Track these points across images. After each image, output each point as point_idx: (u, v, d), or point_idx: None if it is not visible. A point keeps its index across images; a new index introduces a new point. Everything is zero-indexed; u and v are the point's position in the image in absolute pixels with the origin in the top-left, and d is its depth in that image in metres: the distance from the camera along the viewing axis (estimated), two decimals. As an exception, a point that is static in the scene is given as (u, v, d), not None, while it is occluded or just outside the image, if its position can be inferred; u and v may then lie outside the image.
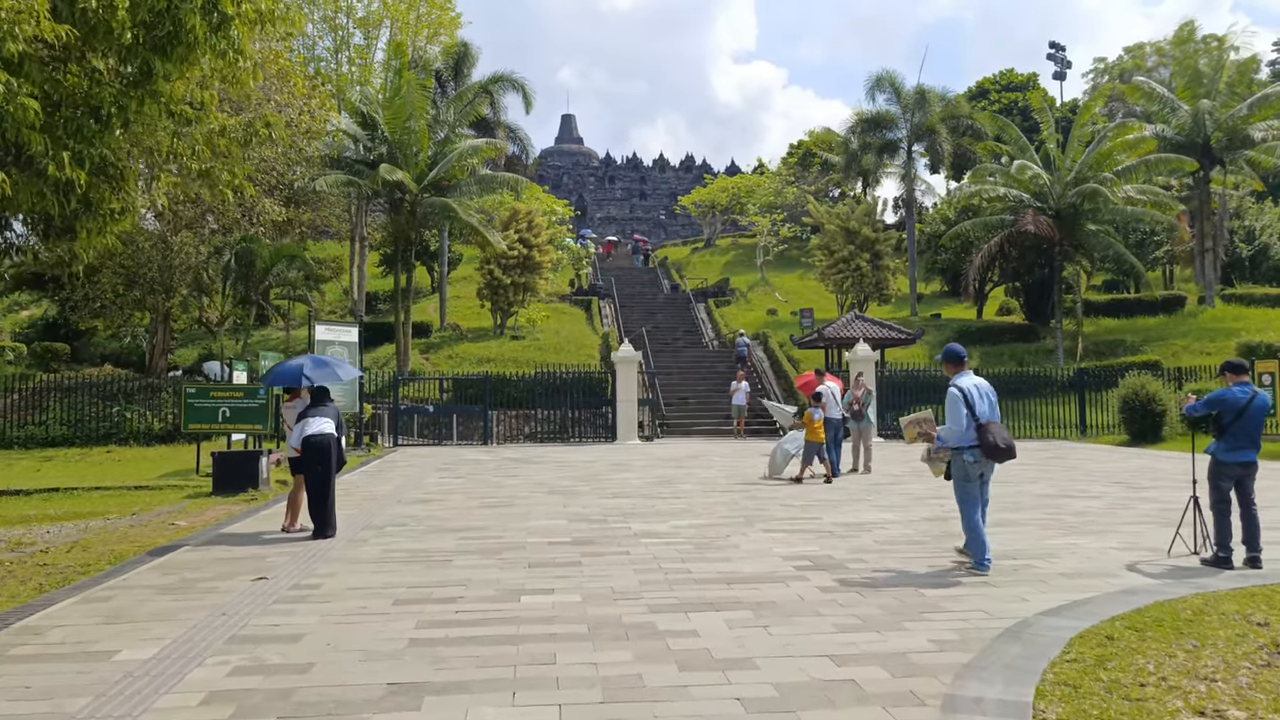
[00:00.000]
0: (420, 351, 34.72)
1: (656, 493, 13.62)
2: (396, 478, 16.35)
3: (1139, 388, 24.63)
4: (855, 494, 13.30)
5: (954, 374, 8.10)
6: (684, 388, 32.26)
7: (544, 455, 21.52)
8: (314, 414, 10.12)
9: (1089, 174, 31.42)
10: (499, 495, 13.45)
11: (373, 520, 10.98)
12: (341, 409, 23.02)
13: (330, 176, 28.92)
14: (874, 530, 9.95)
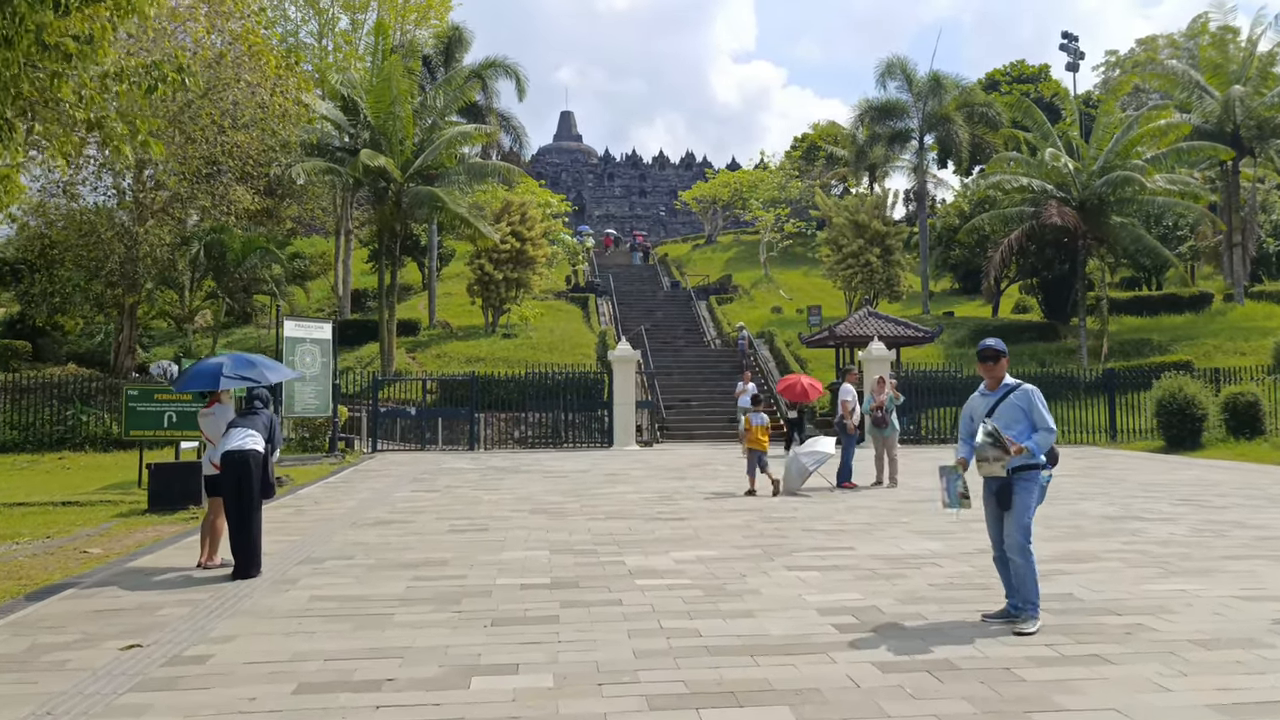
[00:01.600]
0: (406, 350, 32.89)
1: (656, 512, 11.77)
2: (363, 491, 14.50)
3: (1176, 390, 22.81)
4: (886, 515, 11.45)
5: (995, 372, 6.31)
6: (685, 389, 30.44)
7: (533, 463, 19.68)
8: (238, 424, 8.27)
9: (1117, 162, 29.56)
10: (474, 515, 11.60)
11: (314, 551, 9.13)
12: (315, 410, 21.41)
13: (309, 163, 27.10)
14: (922, 567, 8.11)
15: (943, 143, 39.77)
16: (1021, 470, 6.08)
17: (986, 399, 6.35)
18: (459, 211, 27.60)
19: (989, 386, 6.37)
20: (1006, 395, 6.23)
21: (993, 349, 6.30)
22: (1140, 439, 24.86)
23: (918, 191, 41.88)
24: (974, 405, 6.44)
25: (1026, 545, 6.06)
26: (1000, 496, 6.19)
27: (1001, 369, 6.31)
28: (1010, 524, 6.13)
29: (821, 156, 54.32)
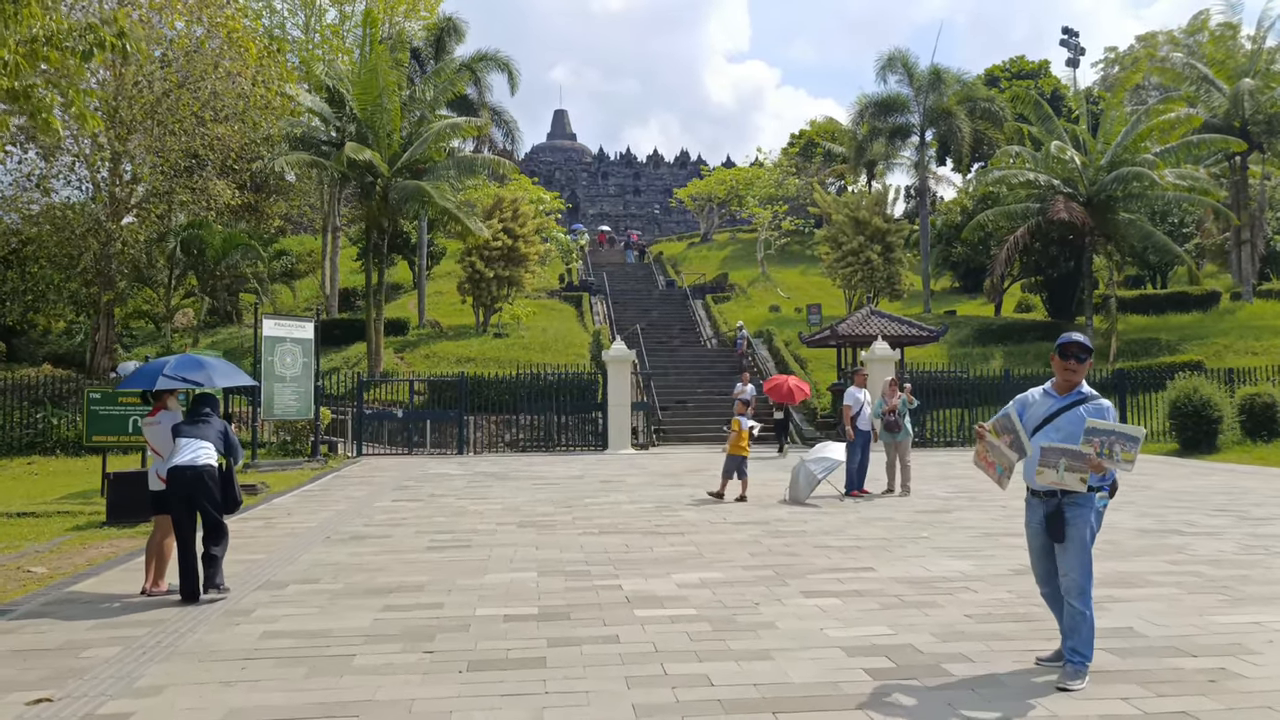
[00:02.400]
0: (395, 350, 31.95)
1: (655, 524, 10.90)
2: (340, 501, 13.59)
3: (1191, 391, 22.04)
4: (904, 528, 10.59)
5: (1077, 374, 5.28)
6: (681, 390, 29.57)
7: (524, 468, 18.79)
8: (186, 433, 7.38)
9: (1125, 157, 28.75)
10: (458, 529, 10.71)
11: (277, 573, 8.23)
12: (295, 413, 20.46)
13: (292, 156, 26.19)
14: (956, 593, 7.24)
15: (944, 138, 38.93)
16: (1073, 493, 5.13)
17: (1049, 402, 5.32)
18: (447, 206, 26.68)
19: (1058, 388, 5.33)
20: (1076, 404, 5.22)
21: (1082, 345, 5.25)
22: (1153, 441, 24.05)
23: (919, 188, 41.04)
24: (1028, 406, 5.39)
25: (1087, 587, 5.10)
26: (1050, 525, 5.18)
27: (1084, 372, 5.30)
28: (1066, 560, 5.14)
29: (819, 153, 53.48)
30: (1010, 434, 5.32)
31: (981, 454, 5.51)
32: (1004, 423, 5.34)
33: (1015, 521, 10.78)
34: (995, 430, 5.38)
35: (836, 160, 51.69)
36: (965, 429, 24.87)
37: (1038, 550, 5.39)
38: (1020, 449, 5.24)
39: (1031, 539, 5.42)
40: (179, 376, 7.62)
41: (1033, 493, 5.34)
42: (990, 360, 30.13)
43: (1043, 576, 5.42)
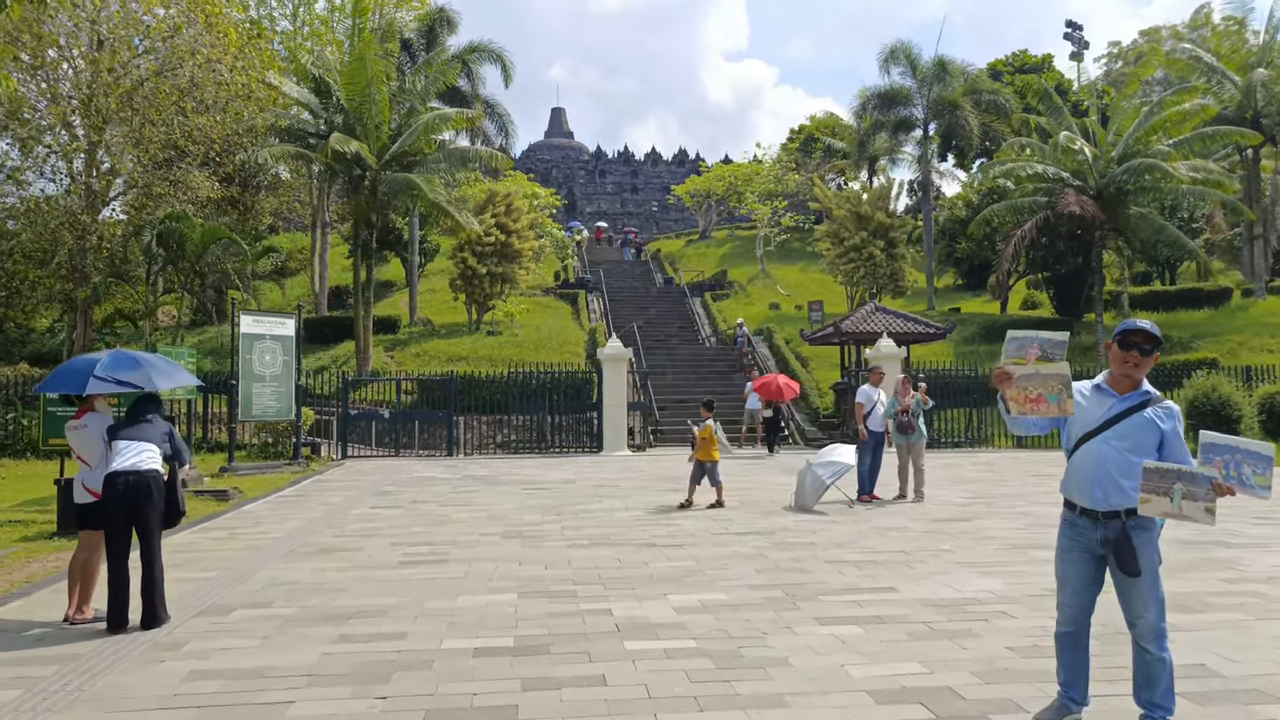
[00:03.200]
0: (385, 349, 31.08)
1: (650, 535, 10.02)
2: (315, 508, 12.70)
3: (1210, 390, 21.20)
4: (922, 539, 9.71)
5: (1140, 369, 4.29)
6: (679, 389, 28.70)
7: (514, 471, 17.90)
8: (126, 435, 6.50)
9: (1137, 148, 27.89)
10: (436, 540, 9.83)
11: (226, 594, 7.34)
12: (276, 414, 19.56)
13: (276, 148, 25.25)
14: (991, 618, 6.36)
15: (948, 132, 38.06)
16: (1137, 516, 4.15)
17: (1106, 400, 4.31)
18: (436, 199, 25.77)
19: (1116, 385, 4.33)
20: (1141, 406, 4.25)
21: (1148, 334, 4.26)
22: (1167, 442, 23.22)
23: (922, 182, 40.15)
24: (1080, 405, 4.35)
25: (1165, 628, 4.17)
26: (1121, 556, 4.15)
27: (1147, 368, 4.30)
28: (1138, 597, 4.16)
29: (819, 148, 52.58)
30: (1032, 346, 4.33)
31: (1020, 397, 4.30)
32: (1015, 345, 4.35)
33: (1043, 532, 9.93)
34: (1015, 361, 4.38)
35: (837, 156, 50.81)
36: (973, 429, 24.02)
37: (1078, 582, 4.34)
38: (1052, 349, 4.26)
39: (1070, 567, 4.36)
40: (111, 378, 6.71)
41: (1082, 511, 4.29)
42: (997, 358, 29.20)
43: (1075, 614, 4.36)
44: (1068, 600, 4.40)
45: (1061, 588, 4.44)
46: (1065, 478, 4.42)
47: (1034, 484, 14.96)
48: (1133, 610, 4.20)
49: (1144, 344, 4.25)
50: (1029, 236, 29.39)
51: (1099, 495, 4.24)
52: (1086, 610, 4.37)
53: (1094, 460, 4.27)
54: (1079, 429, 4.37)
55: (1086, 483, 4.27)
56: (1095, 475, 4.25)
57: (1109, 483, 4.20)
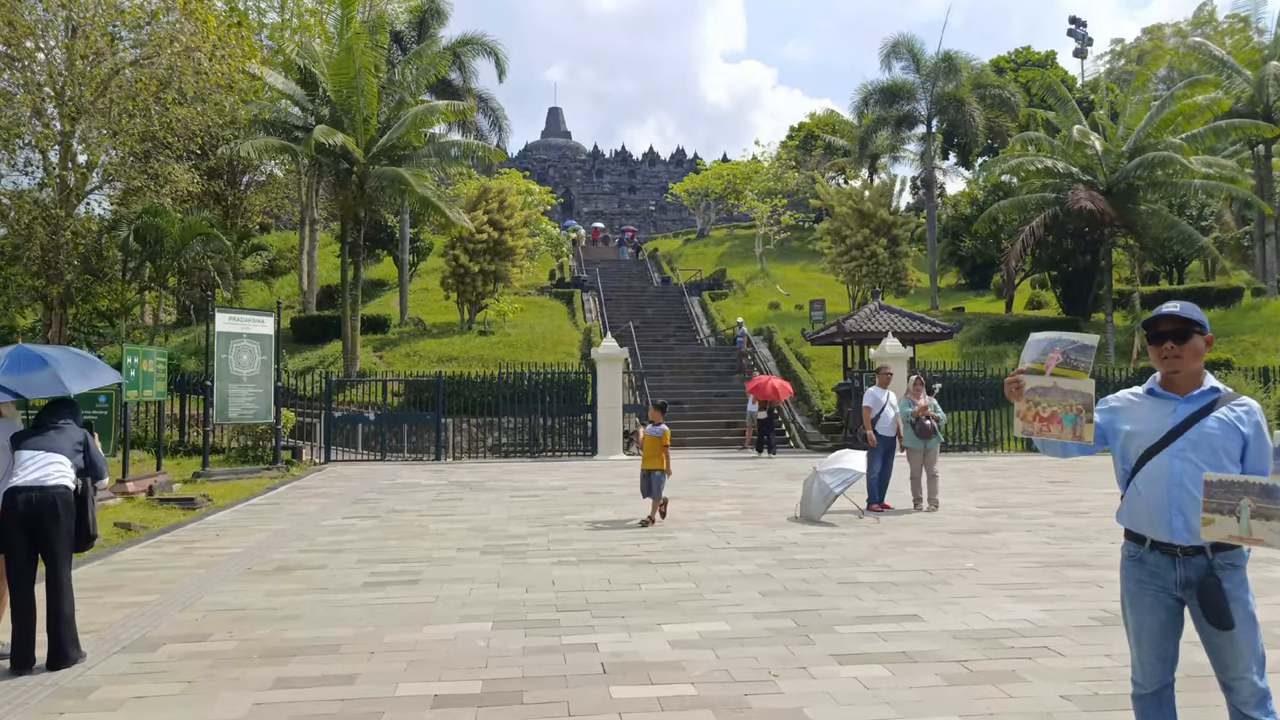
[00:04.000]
0: (374, 349, 30.19)
1: (645, 550, 9.16)
2: (285, 518, 11.83)
3: (1227, 391, 20.35)
4: (944, 555, 8.85)
5: (1192, 361, 3.47)
6: (677, 391, 27.83)
7: (504, 476, 17.04)
8: (32, 444, 5.64)
9: (1149, 142, 27.08)
10: (409, 557, 8.96)
11: (161, 623, 6.48)
12: (254, 416, 18.68)
13: (259, 141, 24.38)
14: (1036, 655, 5.51)
15: (952, 127, 37.19)
16: (1224, 550, 3.30)
17: (1165, 406, 3.46)
18: (424, 194, 24.89)
19: (1175, 385, 3.47)
20: (1210, 409, 3.40)
21: (1176, 317, 3.44)
22: (1182, 446, 22.43)
23: (925, 179, 39.30)
24: (1119, 413, 3.57)
25: (1268, 688, 3.30)
26: (1207, 604, 3.28)
27: (1194, 358, 3.46)
28: (1233, 652, 3.29)
29: (819, 146, 51.76)
30: (1054, 351, 3.53)
31: (1030, 414, 3.52)
32: (1035, 349, 3.55)
33: (1072, 547, 9.09)
34: (1032, 367, 3.56)
35: (837, 153, 50.01)
36: (981, 432, 23.19)
37: (1155, 633, 3.45)
38: (1076, 355, 3.47)
39: (1144, 616, 3.47)
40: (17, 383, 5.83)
41: (1153, 546, 3.43)
42: (1004, 359, 28.44)
43: (1156, 671, 3.48)
44: (1145, 657, 3.50)
45: (1136, 642, 3.53)
46: (1126, 506, 3.54)
47: (1051, 492, 14.12)
48: (1228, 670, 3.32)
49: (1174, 330, 3.40)
50: (1037, 234, 28.56)
51: (1178, 524, 3.34)
52: (1169, 663, 3.49)
53: (1165, 481, 3.38)
54: (1139, 444, 3.48)
55: (1159, 510, 3.38)
56: (1170, 499, 3.36)
57: (1189, 507, 3.32)
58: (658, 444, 10.89)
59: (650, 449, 10.91)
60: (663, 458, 10.84)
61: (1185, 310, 3.47)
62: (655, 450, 10.85)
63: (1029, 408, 3.53)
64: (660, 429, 11.08)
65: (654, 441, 10.93)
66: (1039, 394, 3.50)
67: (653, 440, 10.95)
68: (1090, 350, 3.52)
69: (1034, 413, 3.53)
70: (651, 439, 10.97)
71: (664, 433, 11.02)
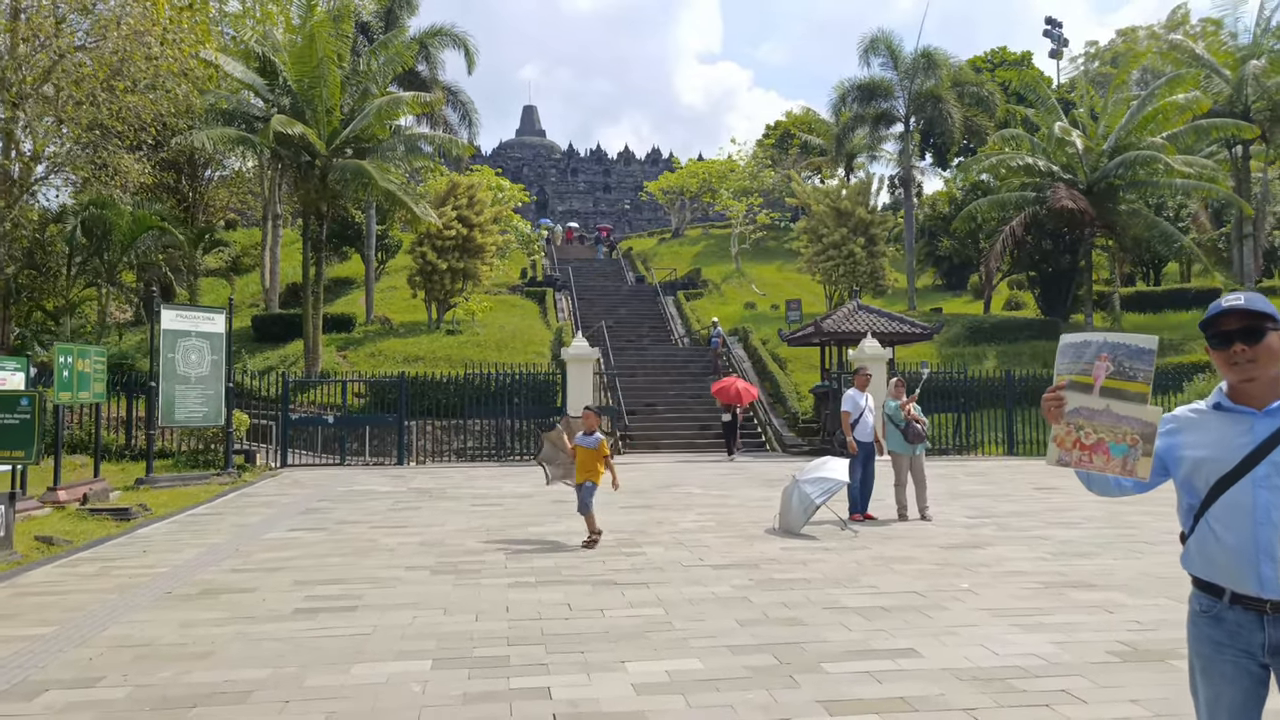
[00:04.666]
0: (338, 348, 29.24)
1: (611, 568, 8.40)
2: (224, 531, 10.95)
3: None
4: (937, 574, 8.16)
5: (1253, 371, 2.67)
6: (651, 392, 27.10)
7: (466, 483, 16.21)
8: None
9: (1129, 140, 26.69)
10: (351, 577, 8.14)
11: (49, 664, 5.63)
12: (202, 419, 17.70)
13: (215, 131, 23.38)
14: (1054, 702, 4.80)
15: (930, 125, 36.73)
16: None
17: (1241, 423, 2.69)
18: (387, 187, 24.01)
19: (1248, 397, 2.71)
20: None
21: (1246, 312, 2.65)
22: (1165, 449, 22.01)
23: (903, 177, 38.83)
24: (1183, 432, 2.80)
25: None
26: None
27: (1272, 362, 2.66)
28: None
29: (796, 145, 51.24)
30: (1101, 357, 2.79)
31: (1069, 439, 2.76)
32: (1072, 353, 2.82)
33: (1071, 564, 8.43)
34: (1075, 380, 2.84)
35: (814, 152, 49.54)
36: (962, 435, 22.64)
37: (1235, 706, 2.71)
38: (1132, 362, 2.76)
39: (1221, 686, 2.71)
40: None
41: (1234, 599, 2.67)
42: (984, 360, 27.98)
43: None
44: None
45: (1209, 716, 2.80)
46: (1197, 548, 2.77)
47: (1040, 499, 13.52)
48: None
49: (1242, 329, 2.65)
50: (1016, 233, 28.10)
51: (1268, 573, 2.58)
52: None
53: (1249, 517, 2.62)
54: (1209, 473, 2.71)
55: (1243, 555, 2.62)
56: (1256, 542, 2.60)
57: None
58: (593, 456, 9.47)
59: (584, 462, 9.49)
60: (598, 470, 9.45)
61: (1253, 302, 2.71)
62: (590, 463, 9.46)
63: (1069, 432, 2.77)
64: (595, 438, 9.52)
65: (589, 454, 9.49)
66: (1083, 417, 2.75)
67: (586, 453, 9.49)
68: (1150, 355, 2.76)
69: (1074, 438, 2.77)
70: (585, 451, 9.50)
71: (600, 442, 9.53)
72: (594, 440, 9.52)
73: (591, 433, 9.55)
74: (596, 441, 9.51)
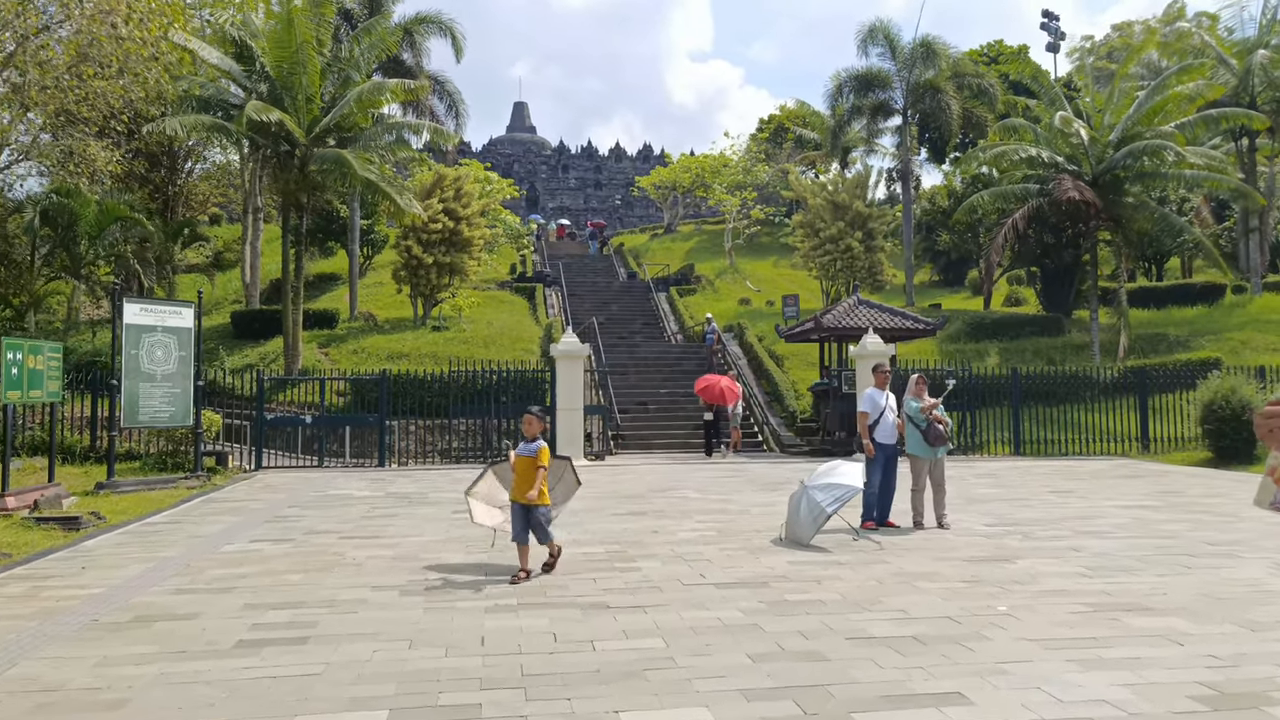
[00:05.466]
0: (319, 345, 28.25)
1: (602, 587, 7.50)
2: (178, 542, 10.00)
3: (1229, 392, 19.12)
4: (967, 594, 7.27)
5: None
6: (643, 390, 26.23)
7: (450, 486, 15.28)
8: None
9: (1136, 130, 25.88)
10: (309, 600, 7.21)
11: (-74, 716, 4.69)
12: (169, 419, 16.71)
13: (188, 118, 22.37)
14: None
15: (928, 117, 35.85)
16: None
17: None
18: (367, 176, 23.03)
19: None
20: None
21: None
22: (1176, 449, 21.22)
23: (901, 170, 37.98)
24: None
25: None
26: None
27: None
28: None
29: (790, 139, 50.39)
30: None
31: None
32: None
33: (1116, 580, 7.55)
34: None
35: (808, 146, 48.70)
36: (965, 435, 21.79)
37: None
38: None
39: None
40: None
41: None
42: (986, 357, 27.16)
43: None
44: None
45: None
46: None
47: (1059, 504, 12.68)
48: None
49: None
50: (1019, 226, 27.26)
51: None
52: None
53: None
54: None
55: None
56: None
57: None
58: (531, 466, 7.69)
59: (523, 474, 7.74)
60: (541, 487, 7.69)
61: None
62: (528, 475, 7.68)
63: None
64: (535, 446, 7.76)
65: (527, 464, 7.72)
66: None
67: (526, 462, 7.73)
68: None
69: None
70: (525, 461, 7.75)
71: (539, 450, 7.75)
72: (534, 448, 7.77)
73: (534, 439, 7.85)
74: (534, 450, 7.75)
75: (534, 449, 7.77)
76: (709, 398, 21.15)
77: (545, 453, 7.77)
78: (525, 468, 7.74)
